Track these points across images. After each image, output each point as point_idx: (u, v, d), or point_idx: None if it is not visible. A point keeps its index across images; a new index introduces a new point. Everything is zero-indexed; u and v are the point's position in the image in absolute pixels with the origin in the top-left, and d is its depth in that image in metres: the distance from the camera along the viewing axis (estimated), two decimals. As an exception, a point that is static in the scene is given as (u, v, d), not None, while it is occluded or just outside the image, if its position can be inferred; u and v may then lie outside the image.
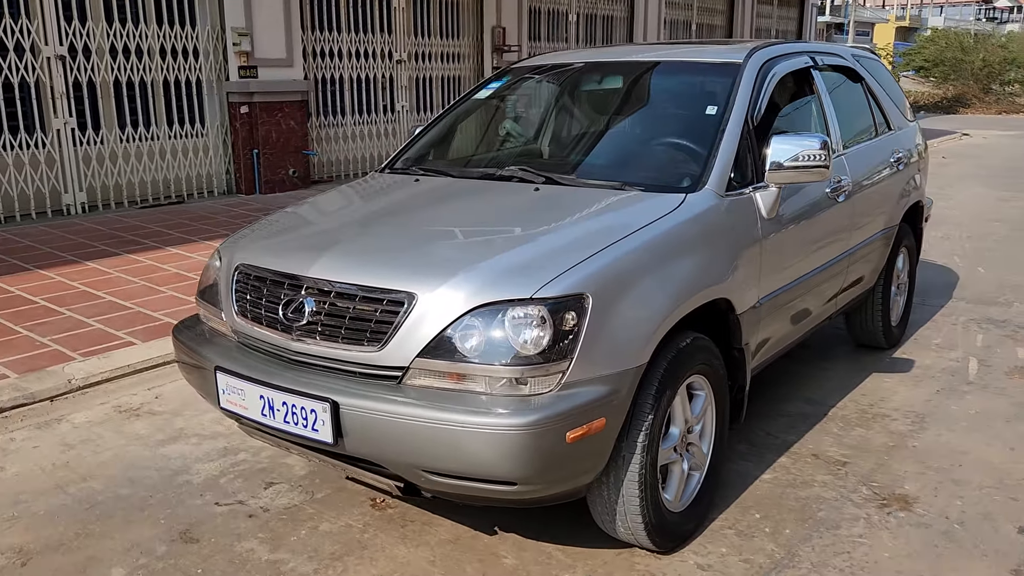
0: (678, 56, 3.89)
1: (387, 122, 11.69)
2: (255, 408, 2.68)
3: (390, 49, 11.53)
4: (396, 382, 2.51)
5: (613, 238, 2.66)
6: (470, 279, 2.48)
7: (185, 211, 8.88)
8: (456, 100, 4.21)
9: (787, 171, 3.14)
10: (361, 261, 2.70)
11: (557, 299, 2.41)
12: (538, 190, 3.16)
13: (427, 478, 2.47)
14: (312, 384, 2.55)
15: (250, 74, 9.49)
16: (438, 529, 3.05)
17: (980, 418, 3.99)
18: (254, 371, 2.69)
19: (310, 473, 3.48)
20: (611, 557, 2.86)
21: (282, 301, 2.72)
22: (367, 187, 3.71)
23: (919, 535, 2.99)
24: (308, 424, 2.54)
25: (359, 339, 2.55)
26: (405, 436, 2.41)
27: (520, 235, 2.81)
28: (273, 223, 3.32)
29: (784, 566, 2.80)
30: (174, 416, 4.11)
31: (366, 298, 2.56)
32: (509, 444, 2.32)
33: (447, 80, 12.53)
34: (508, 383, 2.40)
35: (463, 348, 2.43)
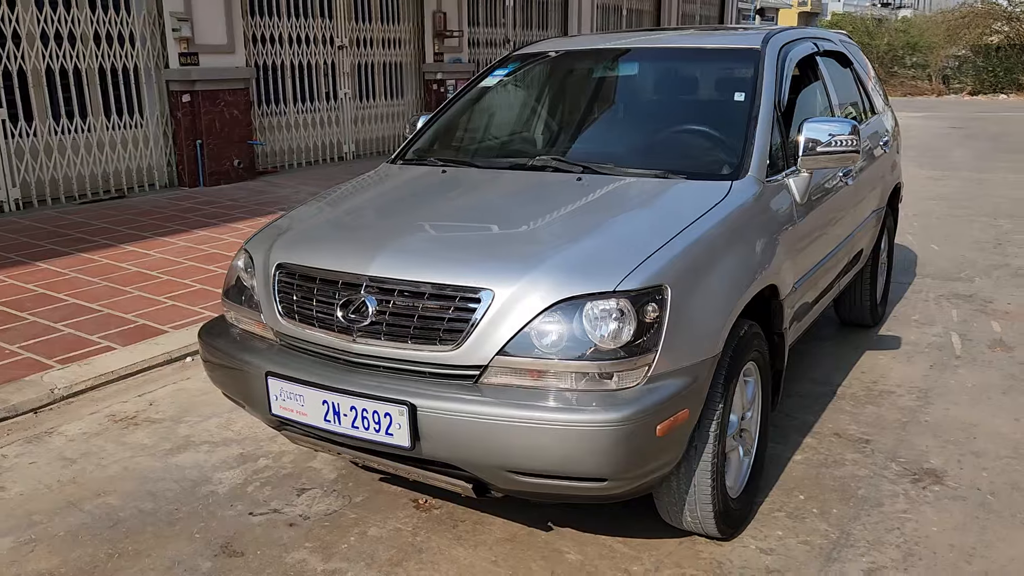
0: (691, 43, 3.89)
1: (330, 110, 11.40)
2: (316, 414, 2.56)
3: (331, 34, 11.24)
4: (472, 381, 2.44)
5: (677, 227, 2.64)
6: (549, 273, 2.42)
7: (128, 206, 8.46)
8: (461, 88, 4.11)
9: (820, 156, 3.18)
10: (426, 257, 2.60)
11: (639, 291, 2.38)
12: (580, 180, 3.11)
13: (510, 478, 2.40)
14: (384, 387, 2.45)
15: (191, 61, 9.10)
16: (491, 528, 2.99)
17: (978, 391, 4.15)
18: (314, 376, 2.57)
19: (341, 477, 3.37)
20: (674, 547, 2.86)
21: (338, 301, 2.60)
22: (392, 179, 3.58)
23: (959, 508, 3.08)
24: (381, 428, 2.44)
25: (430, 338, 2.46)
26: (489, 437, 2.34)
27: (583, 226, 2.75)
28: (303, 219, 3.17)
29: (843, 545, 2.85)
30: (176, 423, 3.91)
31: (436, 295, 2.47)
32: (602, 440, 2.27)
33: (389, 66, 12.30)
34: (593, 378, 2.36)
35: (544, 344, 2.37)
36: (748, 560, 2.78)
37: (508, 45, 14.59)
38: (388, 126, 12.40)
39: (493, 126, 4.00)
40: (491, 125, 4.01)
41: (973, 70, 33.19)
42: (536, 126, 3.92)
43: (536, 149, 3.53)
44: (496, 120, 4.02)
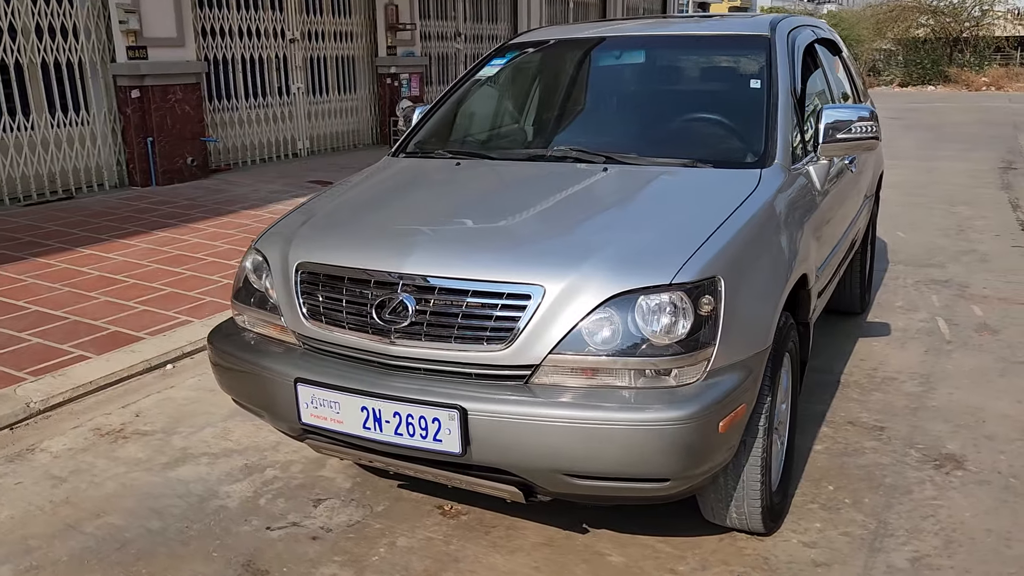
0: (697, 30, 3.83)
1: (283, 105, 11.10)
2: (354, 422, 2.42)
3: (282, 27, 10.94)
4: (522, 382, 2.33)
5: (719, 218, 2.57)
6: (601, 268, 2.32)
7: (79, 207, 8.08)
8: (459, 78, 3.98)
9: (841, 143, 3.15)
10: (466, 253, 2.48)
11: (694, 283, 2.30)
12: (607, 170, 3.01)
13: (566, 482, 2.30)
14: (430, 391, 2.32)
15: (139, 55, 8.73)
16: (525, 533, 2.89)
17: (976, 375, 4.20)
18: (351, 381, 2.42)
19: (356, 485, 3.22)
20: (715, 544, 2.80)
21: (373, 301, 2.46)
22: (403, 173, 3.44)
23: (985, 492, 3.10)
24: (428, 435, 2.32)
25: (477, 338, 2.34)
26: (545, 439, 2.24)
27: (624, 218, 2.66)
28: (319, 215, 2.99)
29: (883, 535, 2.83)
30: (168, 435, 3.70)
31: (481, 293, 2.36)
32: (668, 439, 2.19)
33: (341, 60, 12.03)
34: (651, 375, 2.28)
35: (597, 341, 2.28)
36: (793, 554, 2.74)
37: (459, 38, 14.43)
38: (342, 121, 12.14)
39: (499, 117, 3.88)
40: (497, 116, 3.89)
41: (902, 63, 34.23)
42: (546, 116, 3.81)
43: (550, 140, 3.42)
44: (501, 110, 3.90)
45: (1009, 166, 11.36)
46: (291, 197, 8.62)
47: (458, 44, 14.43)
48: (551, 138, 3.46)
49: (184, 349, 4.64)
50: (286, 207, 8.10)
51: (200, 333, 4.79)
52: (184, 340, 4.72)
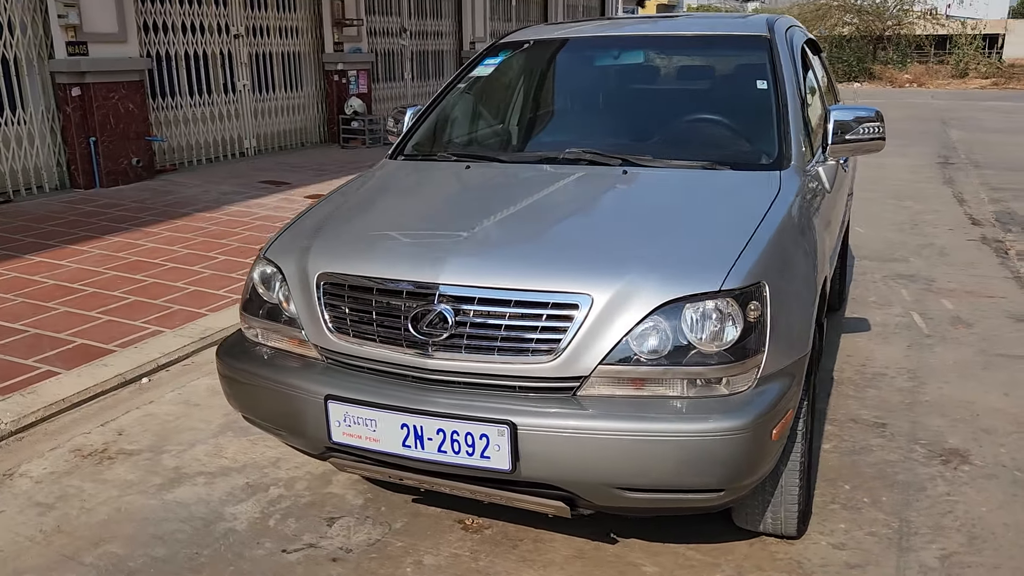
0: (695, 29, 3.80)
1: (229, 103, 10.76)
2: (392, 440, 2.31)
3: (226, 22, 10.59)
4: (570, 394, 2.26)
5: (753, 222, 2.54)
6: (650, 275, 2.26)
7: (19, 211, 7.67)
8: (453, 77, 3.87)
9: (849, 144, 3.16)
10: (507, 262, 2.39)
11: (742, 289, 2.27)
12: (626, 173, 2.96)
13: (619, 495, 2.24)
14: (476, 406, 2.24)
15: (79, 51, 8.33)
16: (554, 545, 2.82)
17: (960, 368, 4.29)
18: (389, 397, 2.32)
19: (368, 501, 3.10)
20: (747, 549, 2.78)
21: (408, 314, 2.36)
22: (410, 177, 3.32)
23: (995, 486, 3.15)
24: (475, 451, 2.23)
25: (521, 350, 2.26)
26: (599, 453, 2.18)
27: (659, 223, 2.61)
28: (333, 222, 2.86)
29: (907, 534, 2.85)
30: (157, 454, 3.52)
31: (525, 303, 2.28)
32: (726, 449, 2.15)
33: (287, 56, 11.72)
34: (701, 384, 2.23)
35: (646, 350, 2.23)
36: (825, 557, 2.74)
37: (404, 35, 14.23)
38: (289, 119, 11.84)
39: (500, 117, 3.79)
40: (497, 116, 3.80)
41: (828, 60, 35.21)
42: (550, 117, 3.74)
43: (560, 142, 3.35)
44: (501, 111, 3.82)
45: (946, 161, 11.75)
46: (245, 199, 8.36)
47: (403, 40, 14.22)
48: (560, 140, 3.39)
49: (159, 361, 4.42)
50: (243, 209, 7.86)
51: (173, 344, 4.59)
52: (157, 352, 4.50)
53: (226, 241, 6.71)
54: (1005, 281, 5.87)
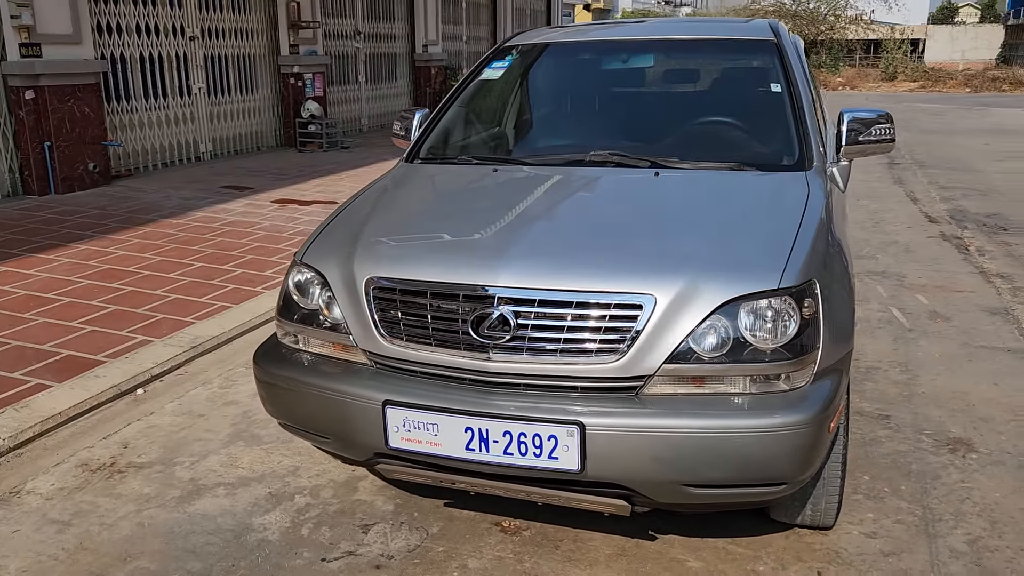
0: (702, 33, 3.87)
1: (184, 106, 10.51)
2: (455, 443, 2.30)
3: (182, 24, 10.35)
4: (633, 393, 2.28)
5: (794, 221, 2.60)
6: (711, 274, 2.30)
7: (-27, 219, 7.37)
8: (462, 80, 3.86)
9: (862, 145, 3.26)
10: (567, 263, 2.40)
11: (798, 287, 2.33)
12: (658, 175, 3.00)
13: (684, 492, 2.27)
14: (542, 407, 2.24)
15: (33, 53, 8.05)
16: (595, 544, 2.84)
17: (948, 361, 4.46)
18: (452, 401, 2.31)
19: (399, 506, 3.08)
20: (783, 541, 2.84)
21: (468, 317, 2.35)
22: (436, 180, 3.30)
23: (1004, 473, 3.29)
24: (543, 453, 2.23)
25: (584, 351, 2.28)
26: (668, 451, 2.20)
27: (706, 223, 2.65)
28: (373, 226, 2.82)
29: (932, 520, 2.95)
30: (168, 466, 3.42)
31: (587, 304, 2.29)
32: (792, 443, 2.21)
33: (242, 59, 11.51)
34: (762, 380, 2.28)
35: (708, 348, 2.27)
36: (860, 546, 2.81)
37: (358, 37, 14.10)
38: (244, 123, 11.62)
39: (516, 120, 3.79)
40: (513, 119, 3.80)
41: (765, 63, 36.08)
42: (567, 120, 3.74)
43: (581, 145, 3.36)
44: (517, 115, 3.82)
45: (892, 161, 12.15)
46: (209, 204, 8.19)
47: (357, 43, 14.09)
48: (581, 143, 3.40)
49: (152, 371, 4.31)
50: (209, 215, 7.69)
51: (164, 353, 4.47)
52: (150, 361, 4.38)
53: (199, 248, 6.56)
54: (971, 276, 6.11)
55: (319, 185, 9.33)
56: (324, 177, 9.82)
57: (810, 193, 2.84)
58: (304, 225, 7.34)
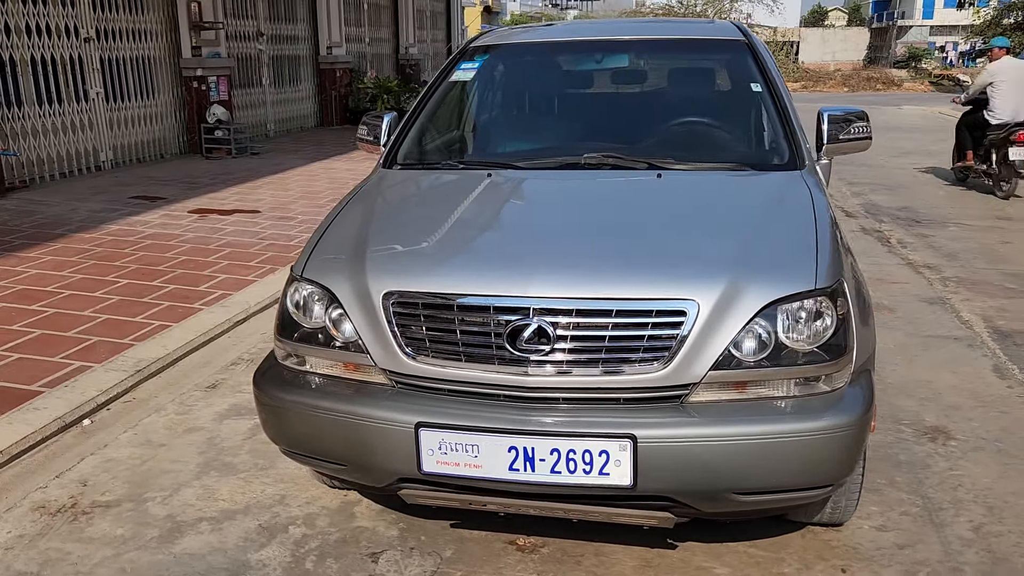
0: (672, 33, 3.85)
1: (81, 112, 9.88)
2: (497, 464, 2.18)
3: (75, 24, 9.72)
4: (678, 402, 2.22)
5: (808, 222, 2.60)
6: (751, 277, 2.26)
7: None
8: (431, 83, 3.71)
9: (842, 143, 3.31)
10: (602, 271, 2.31)
11: (832, 287, 2.32)
12: (660, 176, 2.94)
13: (734, 500, 2.23)
14: (585, 422, 2.15)
15: (-86, 56, 7.37)
16: (617, 557, 2.76)
17: (903, 351, 4.61)
18: (493, 420, 2.18)
19: (404, 531, 2.92)
20: (800, 541, 2.84)
21: (502, 331, 2.23)
22: (428, 186, 3.16)
23: (986, 458, 3.40)
24: (593, 469, 2.14)
25: (627, 360, 2.20)
26: (718, 460, 2.15)
27: (727, 225, 2.61)
28: (380, 237, 2.66)
29: (935, 509, 3.02)
30: (139, 503, 3.15)
31: (628, 312, 2.21)
32: (841, 444, 2.20)
33: (141, 61, 10.90)
34: (802, 383, 2.26)
35: (749, 352, 2.23)
36: (874, 540, 2.84)
37: (261, 39, 13.60)
38: (146, 129, 11.02)
39: (500, 124, 3.67)
40: (497, 123, 3.67)
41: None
42: (552, 122, 3.63)
43: (574, 146, 3.27)
44: (498, 117, 3.70)
45: (797, 158, 12.60)
46: (122, 216, 7.70)
47: (260, 44, 13.60)
48: (572, 144, 3.32)
49: (97, 400, 3.98)
50: (125, 228, 7.23)
51: (108, 380, 4.14)
52: (93, 389, 4.05)
53: (120, 264, 6.14)
54: (900, 268, 6.37)
55: (237, 193, 8.93)
56: (240, 185, 9.41)
57: (812, 193, 2.85)
58: (231, 236, 6.99)
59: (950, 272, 6.23)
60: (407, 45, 19.56)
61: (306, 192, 9.06)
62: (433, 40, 22.39)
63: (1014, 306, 5.38)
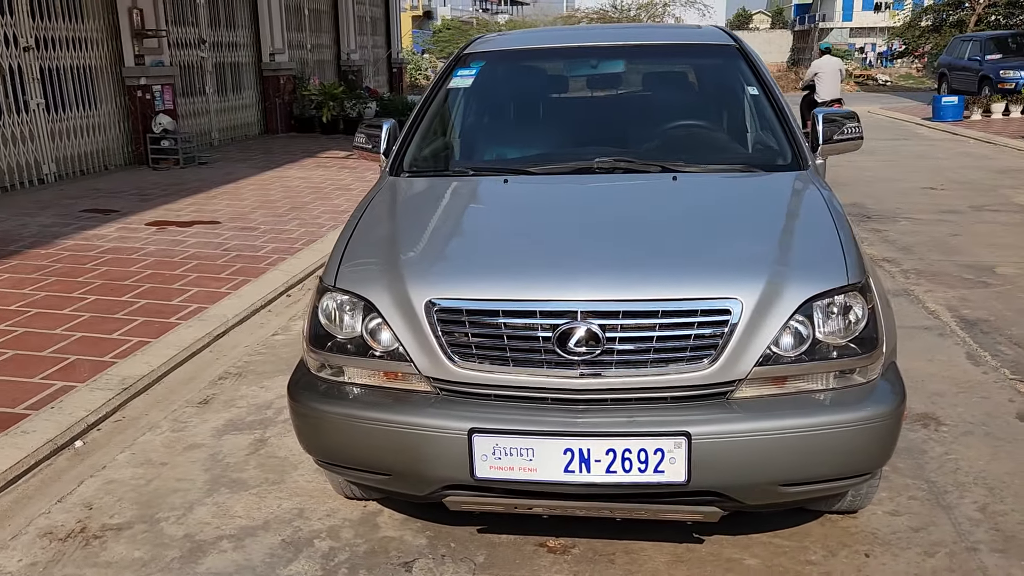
0: (664, 39, 3.92)
1: (22, 124, 9.53)
2: (553, 467, 2.21)
3: (14, 33, 9.37)
4: (723, 398, 2.28)
5: (828, 220, 2.68)
6: (787, 274, 2.34)
7: None
8: (429, 90, 3.70)
9: (837, 143, 3.43)
10: (648, 273, 2.35)
11: (862, 283, 2.41)
12: (676, 179, 3.01)
13: (780, 492, 2.29)
14: (640, 421, 2.19)
15: None
16: (648, 554, 2.81)
17: (879, 342, 4.77)
18: (548, 423, 2.21)
19: (431, 538, 2.92)
20: (820, 529, 2.93)
21: (551, 335, 2.25)
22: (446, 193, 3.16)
23: (977, 442, 3.55)
24: (648, 467, 2.18)
25: (676, 359, 2.25)
26: (768, 453, 2.22)
27: (755, 225, 2.69)
28: (414, 246, 2.67)
29: (940, 492, 3.15)
30: (152, 524, 3.08)
31: (674, 312, 2.26)
32: (882, 433, 2.29)
33: (82, 71, 10.57)
34: (838, 376, 2.34)
35: (790, 347, 2.30)
36: (890, 524, 2.95)
37: (203, 46, 13.33)
38: (89, 140, 10.68)
39: (506, 130, 3.67)
40: (502, 129, 3.68)
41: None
42: (558, 127, 3.65)
43: (585, 151, 3.31)
44: (504, 123, 3.71)
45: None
46: (76, 231, 7.46)
47: (202, 52, 13.32)
48: (582, 149, 3.35)
49: (87, 420, 3.86)
50: (82, 243, 7.01)
51: (95, 399, 4.02)
52: (82, 409, 3.92)
53: (84, 279, 5.95)
54: (861, 262, 6.58)
55: (192, 204, 8.73)
56: (194, 196, 9.20)
57: (823, 193, 2.94)
58: (195, 248, 6.83)
59: (908, 265, 6.47)
60: (349, 51, 19.39)
61: (263, 201, 8.92)
62: (374, 46, 22.24)
63: (974, 295, 5.63)
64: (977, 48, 19.92)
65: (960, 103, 17.51)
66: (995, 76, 18.43)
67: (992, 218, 8.21)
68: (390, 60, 23.47)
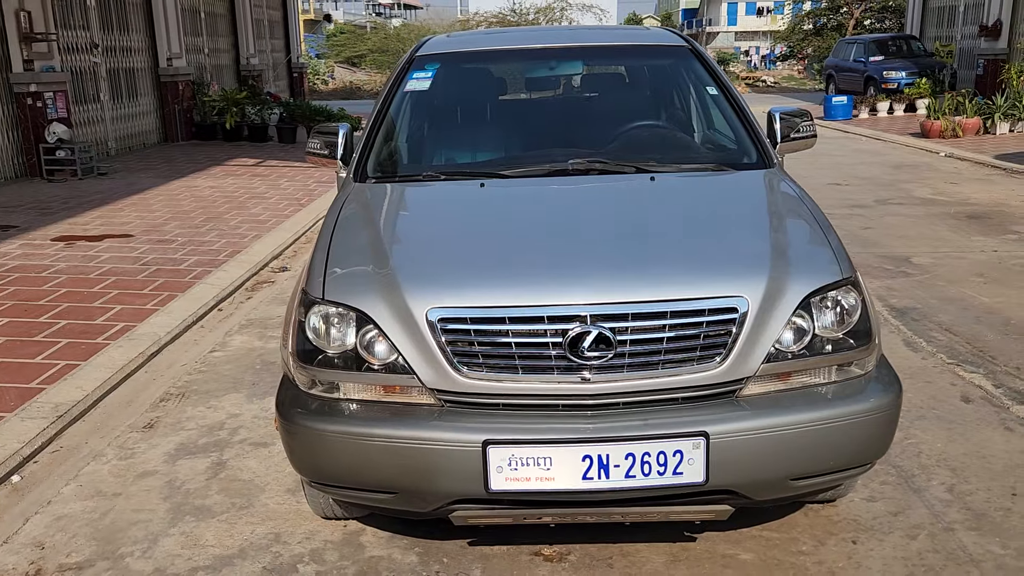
0: (619, 40, 3.92)
1: (-98, 135, 8.79)
2: (571, 475, 2.16)
3: None
4: (732, 396, 2.28)
5: (810, 216, 2.74)
6: (787, 271, 2.36)
7: None
8: (385, 93, 3.57)
9: (793, 142, 3.50)
10: (654, 273, 2.33)
11: (854, 277, 2.46)
12: (653, 179, 3.00)
13: (791, 486, 2.32)
14: (660, 423, 2.18)
15: None
16: (646, 556, 2.79)
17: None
18: (564, 431, 2.17)
19: (422, 555, 2.82)
20: (804, 519, 2.98)
21: (561, 340, 2.21)
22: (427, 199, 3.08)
23: (931, 425, 3.70)
24: (667, 469, 2.16)
25: (686, 360, 2.25)
26: (780, 449, 2.24)
27: (750, 224, 2.72)
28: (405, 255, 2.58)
29: (909, 476, 3.26)
30: (114, 560, 2.88)
31: (682, 312, 2.25)
32: (881, 423, 2.34)
33: (-34, 78, 9.85)
34: (839, 368, 2.38)
35: (793, 343, 2.33)
36: (869, 510, 3.03)
37: (96, 51, 12.65)
38: (-23, 152, 9.97)
39: (471, 133, 3.58)
40: (467, 133, 3.59)
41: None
42: (525, 130, 3.58)
43: (556, 153, 3.26)
44: (466, 127, 3.62)
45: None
46: (-25, 247, 6.94)
47: (95, 57, 12.64)
48: (554, 151, 3.30)
49: (22, 452, 3.58)
50: (-8, 260, 6.52)
51: (28, 429, 3.74)
52: (15, 440, 3.64)
53: (-8, 300, 5.54)
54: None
55: (99, 217, 8.26)
56: (99, 208, 8.71)
57: (793, 191, 3.00)
58: (110, 264, 6.45)
59: (831, 258, 6.71)
60: (248, 55, 18.80)
61: (175, 213, 8.52)
62: (273, 50, 21.65)
63: (899, 285, 5.89)
64: (861, 50, 20.97)
65: (849, 103, 18.39)
66: (879, 77, 19.45)
67: (897, 211, 8.62)
68: (290, 64, 22.91)
